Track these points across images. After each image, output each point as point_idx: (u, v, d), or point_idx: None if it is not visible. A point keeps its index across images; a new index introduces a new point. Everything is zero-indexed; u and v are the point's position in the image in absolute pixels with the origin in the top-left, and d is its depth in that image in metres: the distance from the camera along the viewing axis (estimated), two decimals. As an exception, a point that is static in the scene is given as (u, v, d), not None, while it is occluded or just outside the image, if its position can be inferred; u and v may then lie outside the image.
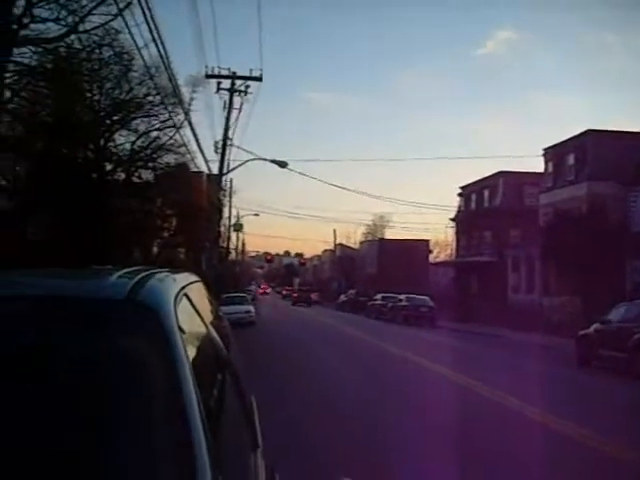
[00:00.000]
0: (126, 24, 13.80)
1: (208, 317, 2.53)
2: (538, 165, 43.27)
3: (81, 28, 17.13)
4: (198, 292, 2.59)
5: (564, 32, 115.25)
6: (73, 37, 17.61)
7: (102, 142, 23.63)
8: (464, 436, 8.06)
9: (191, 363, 1.61)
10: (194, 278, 2.73)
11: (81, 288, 1.95)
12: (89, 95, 22.12)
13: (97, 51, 19.16)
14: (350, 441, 7.89)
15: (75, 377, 1.53)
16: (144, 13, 11.72)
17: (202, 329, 2.21)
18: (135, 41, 14.64)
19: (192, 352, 1.72)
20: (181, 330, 1.69)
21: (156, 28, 12.50)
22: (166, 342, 1.58)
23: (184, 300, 2.02)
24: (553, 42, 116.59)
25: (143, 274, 1.98)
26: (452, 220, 56.75)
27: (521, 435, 8.58)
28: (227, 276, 45.47)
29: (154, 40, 13.01)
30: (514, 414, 9.98)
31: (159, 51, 13.88)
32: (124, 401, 1.49)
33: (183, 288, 2.12)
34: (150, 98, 23.43)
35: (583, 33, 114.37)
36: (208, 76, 28.45)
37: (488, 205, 49.24)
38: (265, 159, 30.74)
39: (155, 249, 31.81)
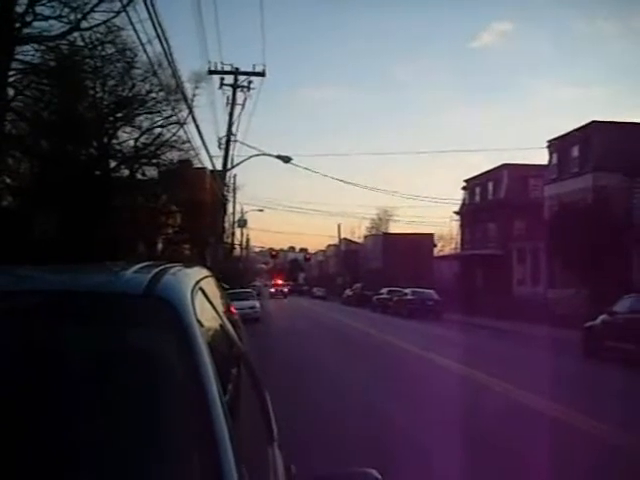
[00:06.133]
0: (130, 20, 13.75)
1: (222, 310, 2.53)
2: (542, 157, 43.16)
3: (83, 25, 17.15)
4: (211, 286, 2.58)
5: (561, 23, 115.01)
6: (75, 34, 17.64)
7: (106, 139, 23.65)
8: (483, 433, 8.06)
9: (211, 356, 1.60)
10: (206, 272, 2.73)
11: (98, 283, 1.94)
12: (92, 92, 22.12)
13: (99, 48, 19.16)
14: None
15: (95, 371, 1.52)
16: (147, 9, 11.66)
17: (218, 322, 2.20)
18: (139, 37, 14.56)
19: (210, 345, 1.72)
20: (199, 323, 1.68)
21: (159, 24, 12.44)
22: (186, 335, 1.57)
23: (199, 294, 2.01)
24: (551, 33, 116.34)
25: (158, 269, 1.97)
26: (456, 213, 56.65)
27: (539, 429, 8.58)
28: (232, 272, 45.45)
29: (158, 36, 12.95)
30: (523, 407, 9.99)
31: (162, 47, 13.82)
32: (146, 396, 1.48)
33: (198, 282, 2.11)
34: (153, 95, 23.45)
35: (583, 22, 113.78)
36: (211, 72, 28.39)
37: (492, 198, 49.10)
38: (269, 154, 30.73)
39: (160, 245, 31.86)
